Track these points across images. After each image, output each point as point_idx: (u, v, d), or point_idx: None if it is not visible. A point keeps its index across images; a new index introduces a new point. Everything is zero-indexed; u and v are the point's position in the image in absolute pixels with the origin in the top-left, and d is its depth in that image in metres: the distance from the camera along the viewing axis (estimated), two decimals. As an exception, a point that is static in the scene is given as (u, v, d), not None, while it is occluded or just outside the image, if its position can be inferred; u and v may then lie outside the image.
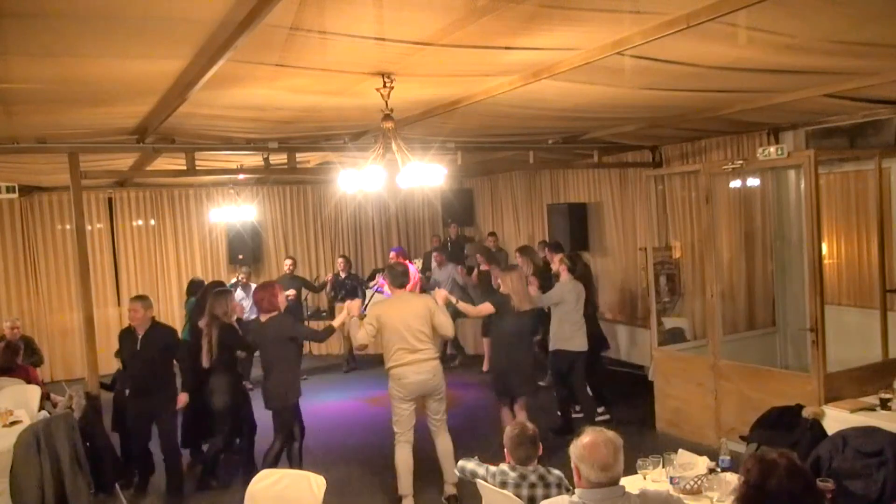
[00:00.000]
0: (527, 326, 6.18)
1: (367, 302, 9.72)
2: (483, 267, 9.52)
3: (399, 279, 5.65)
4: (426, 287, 9.66)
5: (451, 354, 10.03)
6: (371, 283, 9.68)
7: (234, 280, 9.83)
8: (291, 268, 10.00)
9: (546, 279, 7.59)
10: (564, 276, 6.94)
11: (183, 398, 5.87)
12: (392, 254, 9.67)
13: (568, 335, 6.77)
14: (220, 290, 6.28)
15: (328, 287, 10.42)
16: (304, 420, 5.99)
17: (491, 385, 6.31)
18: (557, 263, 7.18)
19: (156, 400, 5.73)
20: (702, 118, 6.51)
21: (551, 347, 6.90)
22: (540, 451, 3.64)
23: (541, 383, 7.55)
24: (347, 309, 5.60)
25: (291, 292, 9.50)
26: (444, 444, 5.49)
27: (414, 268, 9.64)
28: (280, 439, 5.65)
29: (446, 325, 5.46)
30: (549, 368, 7.59)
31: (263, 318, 5.62)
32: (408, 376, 5.32)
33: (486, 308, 6.10)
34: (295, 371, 5.78)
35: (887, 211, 6.20)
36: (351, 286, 10.33)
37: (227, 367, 5.94)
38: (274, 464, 5.45)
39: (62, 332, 10.49)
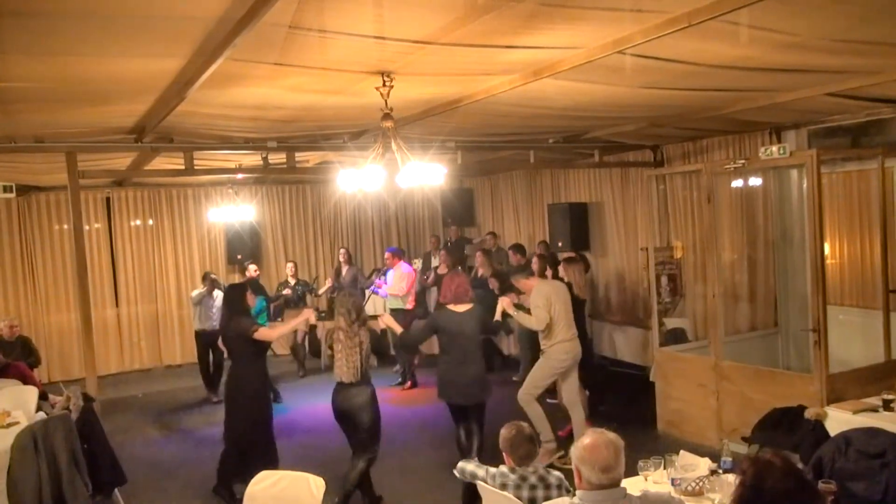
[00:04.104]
0: (582, 314, 6.75)
1: (365, 301, 9.69)
2: (441, 270, 9.50)
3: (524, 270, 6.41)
4: (364, 285, 9.55)
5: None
6: (369, 283, 9.65)
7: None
8: (256, 273, 9.39)
9: (505, 281, 7.79)
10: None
11: None
12: (387, 254, 9.61)
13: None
14: (349, 292, 5.97)
15: (281, 301, 9.53)
16: (305, 420, 5.92)
17: None
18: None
19: None
20: (703, 117, 6.49)
21: None
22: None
23: (514, 378, 7.94)
24: (503, 304, 5.74)
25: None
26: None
27: (412, 268, 9.62)
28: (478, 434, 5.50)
29: None
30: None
31: (459, 308, 5.44)
32: (570, 351, 6.02)
33: None
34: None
35: (890, 211, 6.17)
36: (302, 292, 9.82)
37: (370, 376, 5.38)
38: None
39: (60, 333, 10.46)
